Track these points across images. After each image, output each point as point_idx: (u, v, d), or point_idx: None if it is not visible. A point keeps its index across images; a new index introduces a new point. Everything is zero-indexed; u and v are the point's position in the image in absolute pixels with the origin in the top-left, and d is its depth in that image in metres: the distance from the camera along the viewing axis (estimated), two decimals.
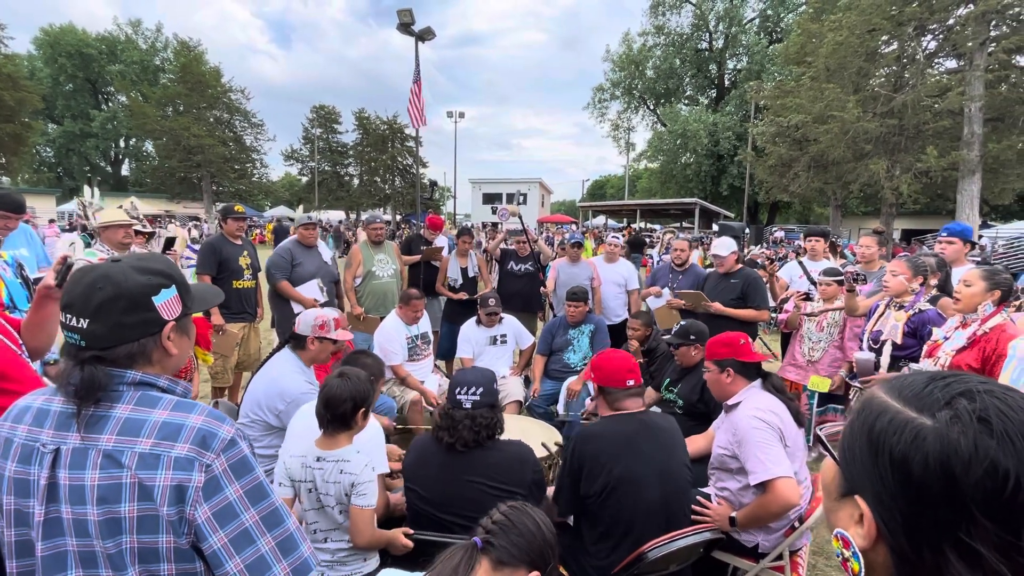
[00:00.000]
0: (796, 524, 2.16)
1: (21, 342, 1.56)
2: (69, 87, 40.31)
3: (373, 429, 2.14)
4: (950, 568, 0.46)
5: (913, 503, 0.49)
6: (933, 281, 3.46)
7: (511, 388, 4.04)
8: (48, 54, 39.27)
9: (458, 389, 1.94)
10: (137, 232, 4.01)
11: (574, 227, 28.20)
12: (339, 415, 1.80)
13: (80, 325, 0.95)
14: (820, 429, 0.69)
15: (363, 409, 1.83)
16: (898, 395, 0.54)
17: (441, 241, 5.78)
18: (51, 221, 19.87)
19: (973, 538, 0.45)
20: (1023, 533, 0.44)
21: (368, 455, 1.81)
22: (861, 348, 3.39)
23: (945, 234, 3.76)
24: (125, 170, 45.50)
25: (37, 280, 2.46)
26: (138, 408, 0.97)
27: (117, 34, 41.70)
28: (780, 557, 2.14)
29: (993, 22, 13.99)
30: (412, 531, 1.87)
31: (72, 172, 42.28)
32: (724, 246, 4.30)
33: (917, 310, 3.09)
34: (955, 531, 0.46)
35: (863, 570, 0.54)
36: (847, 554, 0.55)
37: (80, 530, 0.93)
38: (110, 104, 42.46)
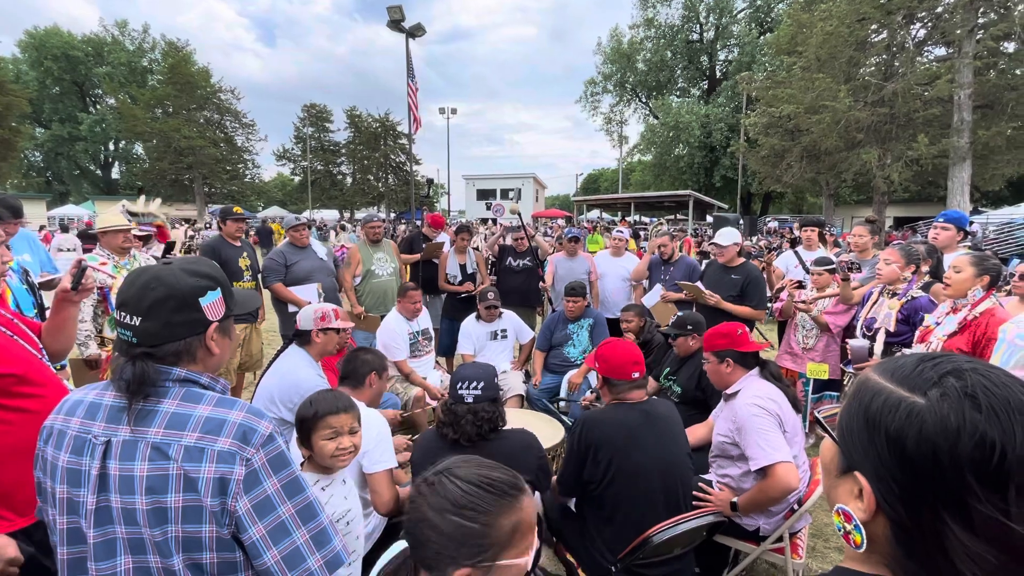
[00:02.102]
0: (795, 507, 2.22)
1: (41, 346, 1.59)
2: (56, 90, 39.82)
3: (379, 425, 2.17)
4: (947, 532, 0.50)
5: (909, 476, 0.53)
6: (925, 268, 3.53)
7: (512, 382, 4.08)
8: (33, 57, 38.75)
9: (459, 384, 1.97)
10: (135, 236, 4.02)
11: (560, 222, 28.23)
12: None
13: (133, 323, 1.01)
14: (818, 412, 0.73)
15: (296, 437, 1.76)
16: (891, 376, 0.59)
17: (443, 239, 5.79)
18: (40, 228, 19.71)
19: (967, 504, 0.49)
20: (1009, 497, 0.48)
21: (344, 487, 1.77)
22: (855, 336, 3.45)
23: (941, 220, 3.81)
24: (115, 173, 45.09)
25: (42, 284, 2.48)
26: (184, 403, 1.02)
27: (103, 36, 41.16)
28: (780, 539, 2.20)
29: (981, 9, 14.09)
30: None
31: (62, 176, 41.87)
32: (725, 236, 4.19)
33: (910, 297, 3.15)
34: (951, 499, 0.50)
35: (865, 541, 0.58)
36: (849, 527, 0.59)
37: (129, 518, 0.97)
38: (98, 107, 42.02)
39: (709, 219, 23.12)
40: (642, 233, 17.42)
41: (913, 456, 0.52)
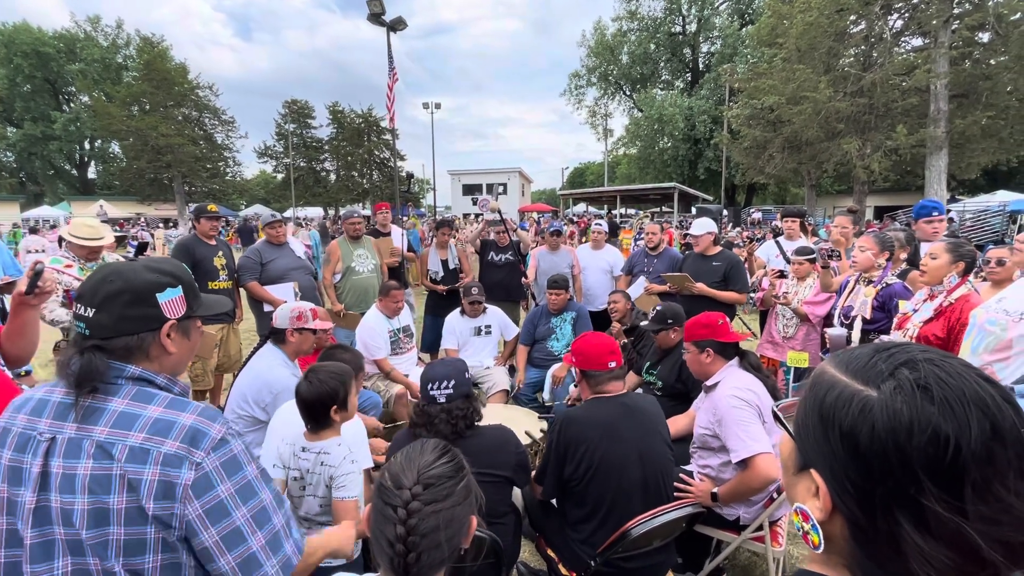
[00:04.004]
0: (775, 496, 2.23)
1: None
2: (27, 88, 38.61)
3: (355, 425, 2.13)
4: (902, 533, 0.48)
5: (863, 473, 0.50)
6: (902, 255, 3.56)
7: (497, 378, 4.06)
8: (3, 54, 37.52)
9: (430, 385, 1.93)
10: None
11: (534, 215, 28.32)
12: (314, 417, 1.83)
13: (87, 314, 1.01)
14: (775, 405, 0.70)
15: (334, 406, 1.84)
16: (845, 369, 0.56)
17: (396, 234, 5.68)
18: (52, 227, 19.44)
19: (920, 503, 0.47)
20: (965, 495, 0.46)
21: (349, 447, 1.83)
22: (833, 324, 3.47)
23: (937, 213, 3.78)
24: (91, 173, 44.02)
25: (1, 287, 2.39)
26: (133, 403, 1.00)
27: (75, 32, 40.02)
28: (760, 528, 2.20)
29: None
30: None
31: (36, 177, 40.76)
32: (698, 226, 4.31)
33: (885, 284, 3.18)
34: (904, 497, 0.48)
35: (823, 542, 0.55)
36: (807, 527, 0.56)
37: (66, 519, 0.94)
38: (72, 105, 40.88)
39: (694, 211, 23.27)
40: (627, 226, 17.52)
41: (866, 453, 0.50)
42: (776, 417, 0.67)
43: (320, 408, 1.82)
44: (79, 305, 1.02)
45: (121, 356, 1.01)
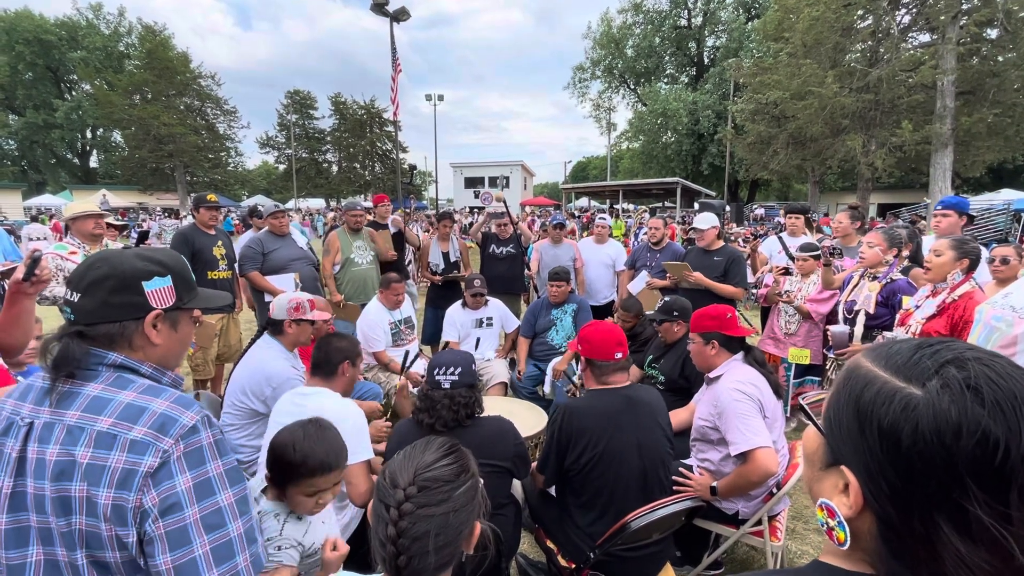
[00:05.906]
0: (774, 490, 2.22)
1: None
2: (29, 76, 38.51)
3: (355, 416, 2.13)
4: (940, 536, 0.46)
5: (902, 473, 0.48)
6: (905, 252, 3.54)
7: (496, 370, 4.05)
8: (4, 41, 37.37)
9: (436, 370, 1.94)
10: (110, 225, 3.90)
11: (528, 209, 28.33)
12: (271, 470, 1.51)
13: (73, 299, 1.00)
14: (802, 398, 0.69)
15: (293, 480, 1.47)
16: (885, 364, 0.54)
17: (393, 224, 5.63)
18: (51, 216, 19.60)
19: (963, 507, 0.45)
20: (1011, 500, 0.44)
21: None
22: (836, 320, 3.46)
23: (940, 207, 3.76)
24: (94, 162, 43.97)
25: (2, 274, 2.38)
26: (109, 388, 0.97)
27: (77, 19, 39.88)
28: (759, 522, 2.20)
29: None
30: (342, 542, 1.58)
31: (38, 165, 40.73)
32: (704, 220, 4.32)
33: (889, 279, 3.16)
34: (945, 500, 0.46)
35: (848, 539, 0.54)
36: (832, 523, 0.55)
37: (39, 506, 0.93)
38: (74, 93, 40.77)
39: (696, 206, 23.20)
40: (628, 222, 17.48)
41: (907, 453, 0.48)
42: (801, 409, 0.65)
43: (285, 468, 1.46)
44: (67, 291, 1.00)
45: (103, 344, 0.99)
